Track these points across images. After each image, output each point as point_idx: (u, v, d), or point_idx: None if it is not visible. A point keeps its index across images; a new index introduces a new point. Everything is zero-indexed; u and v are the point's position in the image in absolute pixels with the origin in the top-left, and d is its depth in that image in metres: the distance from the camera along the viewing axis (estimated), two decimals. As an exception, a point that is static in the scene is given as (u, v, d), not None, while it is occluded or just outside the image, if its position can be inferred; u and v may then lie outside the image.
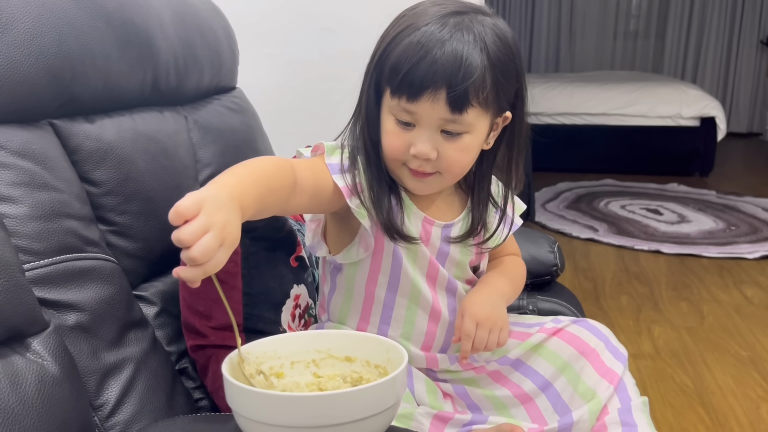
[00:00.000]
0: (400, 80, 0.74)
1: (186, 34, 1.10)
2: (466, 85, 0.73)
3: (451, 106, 0.74)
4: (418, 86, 0.73)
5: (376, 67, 0.79)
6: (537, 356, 0.90)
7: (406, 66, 0.74)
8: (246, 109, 1.32)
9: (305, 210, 0.84)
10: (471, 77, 0.73)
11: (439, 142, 0.77)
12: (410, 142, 0.77)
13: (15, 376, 0.61)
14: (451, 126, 0.76)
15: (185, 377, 0.91)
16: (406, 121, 0.77)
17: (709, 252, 2.85)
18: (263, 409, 0.55)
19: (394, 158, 0.80)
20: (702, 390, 1.80)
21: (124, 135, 0.91)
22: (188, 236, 0.53)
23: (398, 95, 0.75)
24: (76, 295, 0.75)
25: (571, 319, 0.94)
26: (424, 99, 0.74)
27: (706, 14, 5.73)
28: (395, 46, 0.76)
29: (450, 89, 0.73)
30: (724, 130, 4.12)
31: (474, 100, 0.75)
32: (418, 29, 0.75)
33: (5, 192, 0.71)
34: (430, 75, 0.73)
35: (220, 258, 0.56)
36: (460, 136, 0.77)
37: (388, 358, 0.65)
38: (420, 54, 0.73)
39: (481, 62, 0.74)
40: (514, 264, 0.98)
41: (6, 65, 0.73)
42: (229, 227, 0.57)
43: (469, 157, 0.81)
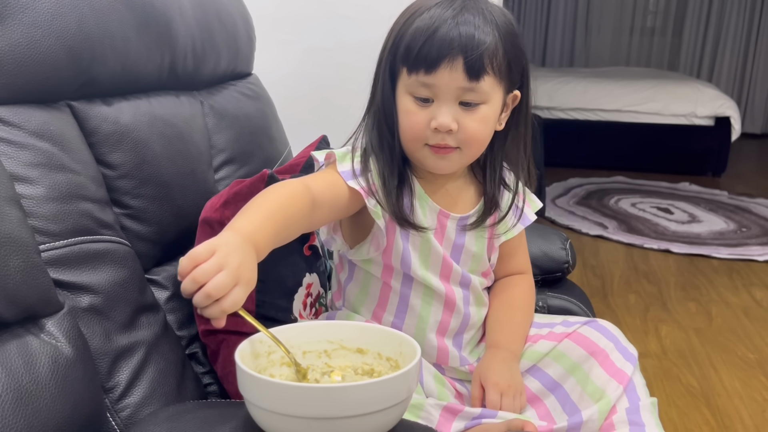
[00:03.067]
0: (416, 55, 0.77)
1: (204, 18, 1.10)
2: (481, 51, 0.76)
3: (469, 72, 0.76)
4: (435, 57, 0.76)
5: (389, 52, 0.81)
6: (547, 358, 0.91)
7: (422, 40, 0.76)
8: (261, 95, 1.31)
9: (328, 221, 0.86)
10: (485, 44, 0.76)
11: (458, 113, 0.79)
12: (430, 116, 0.79)
13: (29, 356, 0.62)
14: (469, 95, 0.78)
15: (195, 362, 0.92)
16: (425, 97, 0.79)
17: (719, 253, 2.83)
18: (275, 399, 0.55)
19: (415, 137, 0.81)
20: (708, 391, 1.80)
21: (140, 118, 0.91)
22: (202, 274, 0.56)
23: (416, 70, 0.78)
24: (90, 277, 0.75)
25: (581, 320, 0.94)
26: (442, 68, 0.76)
27: (724, 13, 5.66)
28: (407, 29, 0.79)
29: (467, 56, 0.76)
30: (739, 130, 4.08)
31: (489, 66, 0.77)
32: (428, 10, 0.78)
33: (23, 172, 0.71)
34: (446, 44, 0.76)
35: (236, 296, 0.58)
36: (477, 107, 0.79)
37: (401, 351, 0.64)
38: (434, 28, 0.76)
39: (493, 34, 0.77)
40: (523, 304, 0.97)
41: (26, 45, 0.73)
42: (244, 267, 0.59)
43: (487, 129, 0.82)
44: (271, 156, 1.24)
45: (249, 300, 0.89)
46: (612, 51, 5.98)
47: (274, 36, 1.72)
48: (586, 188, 3.83)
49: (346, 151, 0.86)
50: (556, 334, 0.92)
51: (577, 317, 0.98)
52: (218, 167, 1.09)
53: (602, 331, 0.91)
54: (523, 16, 6.03)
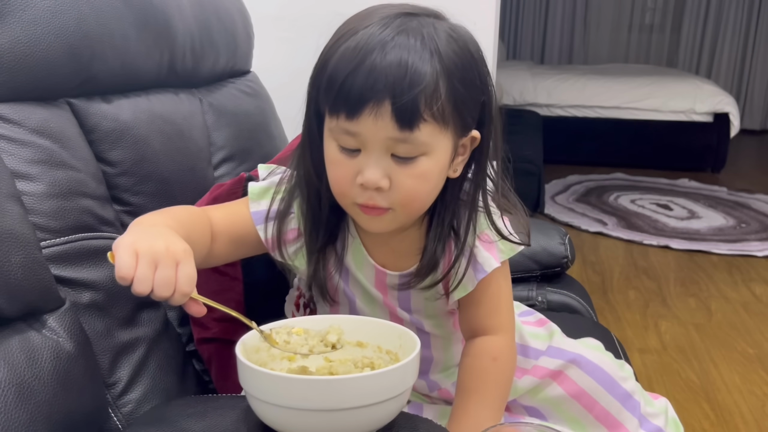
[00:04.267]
0: (336, 94, 0.62)
1: (203, 16, 1.10)
2: (414, 94, 0.60)
3: (399, 120, 0.61)
4: (357, 99, 0.60)
5: (314, 82, 0.66)
6: (531, 397, 0.85)
7: (342, 75, 0.61)
8: (260, 93, 1.32)
9: (231, 258, 0.77)
10: (419, 84, 0.60)
11: (390, 168, 0.64)
12: (356, 170, 0.64)
13: (31, 352, 0.62)
14: (402, 148, 0.63)
15: (195, 359, 0.92)
16: (351, 147, 0.64)
17: (718, 249, 2.83)
18: (274, 391, 0.55)
19: (341, 193, 0.68)
20: (708, 386, 1.80)
21: (140, 116, 0.91)
22: (141, 285, 0.54)
23: (336, 113, 0.63)
24: (91, 273, 0.75)
25: (574, 356, 0.85)
26: (365, 115, 0.61)
27: (723, 9, 5.66)
28: (332, 55, 0.63)
29: (395, 100, 0.60)
30: (738, 126, 4.08)
31: (426, 112, 0.61)
32: (356, 33, 0.62)
33: (23, 169, 0.71)
34: (369, 84, 0.60)
35: (186, 274, 0.56)
36: (414, 160, 0.64)
37: (400, 344, 0.65)
38: (357, 60, 0.60)
39: (432, 67, 0.61)
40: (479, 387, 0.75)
41: (26, 42, 0.73)
42: (172, 245, 0.56)
43: (429, 185, 0.67)
44: (270, 153, 1.25)
45: (238, 305, 0.89)
46: (611, 48, 5.98)
47: (273, 33, 1.72)
48: (585, 185, 3.83)
49: (267, 185, 0.74)
50: (543, 368, 0.85)
51: (565, 340, 0.89)
52: (218, 164, 1.10)
53: (598, 377, 0.84)
54: (521, 13, 6.03)
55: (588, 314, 1.22)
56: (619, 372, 0.86)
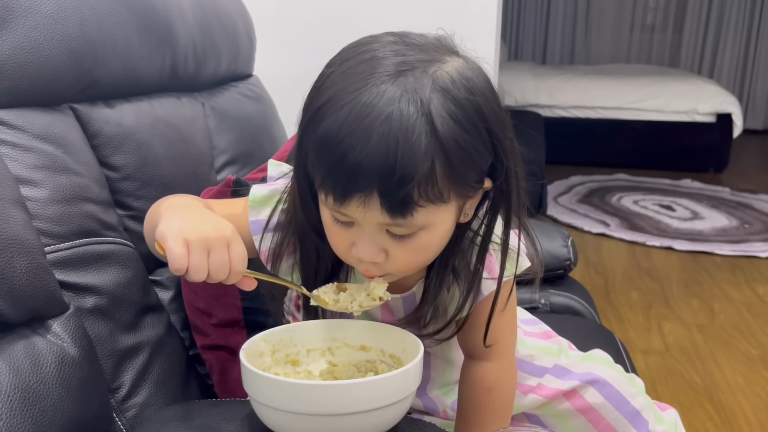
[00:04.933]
0: (322, 178, 0.57)
1: (205, 20, 1.11)
2: (405, 188, 0.54)
3: (390, 211, 0.56)
4: (342, 191, 0.55)
5: (301, 144, 0.59)
6: (548, 415, 0.85)
7: (327, 162, 0.55)
8: (262, 96, 1.32)
9: None
10: (410, 180, 0.53)
11: (386, 242, 0.59)
12: (351, 240, 0.60)
13: (36, 357, 0.62)
14: (396, 229, 0.58)
15: (198, 363, 0.92)
16: (343, 221, 0.60)
17: (721, 249, 2.83)
18: (278, 396, 0.55)
19: (339, 255, 0.64)
20: (711, 388, 1.80)
21: (142, 120, 0.91)
22: (197, 273, 0.55)
23: (324, 192, 0.58)
24: (95, 278, 0.76)
25: (583, 378, 0.83)
26: (353, 204, 0.56)
27: (724, 9, 5.65)
28: (322, 118, 0.55)
29: (383, 194, 0.54)
30: (741, 126, 4.07)
31: (420, 200, 0.55)
32: (343, 105, 0.54)
33: (27, 175, 0.72)
34: (353, 179, 0.54)
35: (238, 253, 0.57)
36: (413, 236, 0.59)
37: (404, 348, 0.65)
38: (342, 149, 0.53)
39: (426, 150, 0.53)
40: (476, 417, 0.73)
41: (29, 48, 0.74)
42: (218, 227, 0.57)
43: (429, 253, 0.63)
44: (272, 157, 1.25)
45: (235, 309, 0.89)
46: (612, 48, 5.98)
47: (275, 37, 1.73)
48: (587, 186, 3.83)
49: (269, 193, 0.70)
50: (548, 388, 0.83)
51: (573, 359, 0.87)
52: (220, 168, 1.10)
53: (606, 393, 0.83)
54: (523, 13, 6.03)
55: (591, 317, 1.22)
56: (629, 388, 0.85)
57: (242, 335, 0.88)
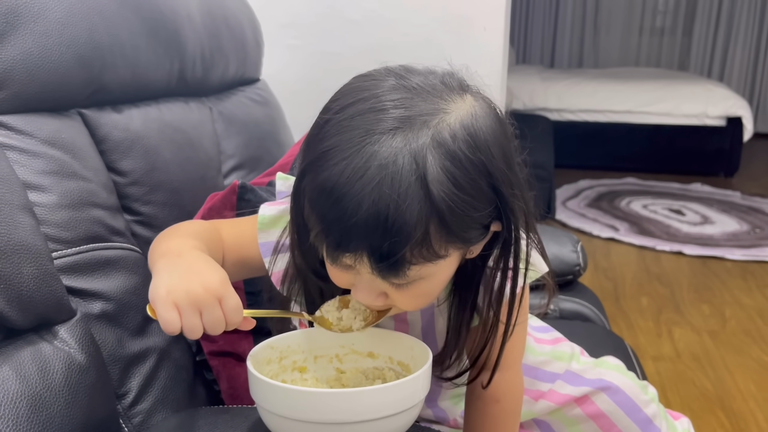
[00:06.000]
0: (316, 230, 0.55)
1: (213, 25, 1.11)
2: (397, 256, 0.52)
3: (381, 273, 0.55)
4: (334, 247, 0.54)
5: (299, 186, 0.57)
6: (556, 419, 0.84)
7: (321, 216, 0.54)
8: (270, 101, 1.32)
9: (236, 278, 0.70)
10: (401, 246, 0.52)
11: (385, 287, 0.58)
12: (351, 282, 0.60)
13: (43, 363, 0.62)
14: (394, 281, 0.57)
15: (205, 369, 0.92)
16: (342, 266, 0.58)
17: (732, 254, 2.80)
18: (286, 404, 0.55)
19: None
20: (723, 394, 1.78)
21: (150, 125, 0.91)
22: (192, 333, 0.53)
23: (319, 242, 0.56)
24: (102, 284, 0.75)
25: (595, 384, 0.83)
26: (345, 260, 0.55)
27: (734, 11, 5.62)
28: (316, 173, 0.54)
29: (375, 260, 0.53)
30: (751, 130, 4.04)
31: (415, 259, 0.54)
32: (337, 162, 0.52)
33: (35, 180, 0.72)
34: (345, 239, 0.53)
35: (231, 306, 0.54)
36: (411, 284, 0.57)
37: (412, 355, 0.64)
38: (335, 209, 0.52)
39: (419, 216, 0.51)
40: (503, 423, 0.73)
41: (38, 54, 0.74)
42: (208, 282, 0.54)
43: (431, 297, 0.61)
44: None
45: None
46: (621, 51, 5.95)
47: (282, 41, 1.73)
48: (596, 190, 3.81)
49: (278, 213, 0.69)
50: (559, 394, 0.82)
51: (585, 365, 0.86)
52: (227, 173, 1.10)
53: (618, 400, 0.82)
54: (531, 17, 6.02)
55: (600, 322, 1.21)
56: (642, 395, 0.84)
57: (249, 341, 0.88)
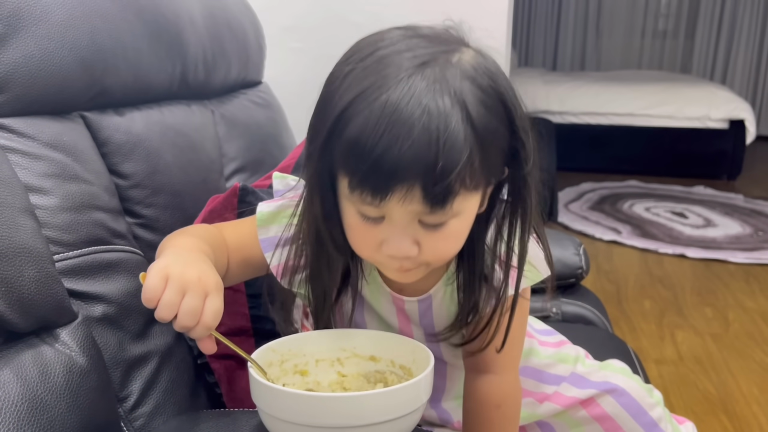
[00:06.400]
0: (361, 176, 0.55)
1: (215, 28, 1.11)
2: (448, 181, 0.54)
3: (431, 203, 0.55)
4: (383, 188, 0.54)
5: (327, 142, 0.57)
6: (560, 421, 0.84)
7: (362, 162, 0.53)
8: (272, 103, 1.32)
9: (241, 278, 0.74)
10: (452, 170, 0.53)
11: (417, 233, 0.58)
12: (381, 238, 0.59)
13: (44, 366, 0.62)
14: (431, 219, 0.57)
15: (207, 372, 0.91)
16: (373, 216, 0.58)
17: (735, 257, 2.80)
18: (287, 408, 0.55)
19: (364, 256, 0.63)
20: (726, 398, 1.77)
21: (152, 128, 0.91)
22: (165, 310, 0.53)
23: (359, 191, 0.56)
24: (104, 286, 0.75)
25: (601, 386, 0.82)
26: (394, 200, 0.55)
27: (737, 14, 5.61)
28: (351, 117, 0.54)
29: (426, 185, 0.54)
30: (754, 132, 4.04)
31: (461, 188, 0.55)
32: (372, 102, 0.53)
33: (37, 183, 0.72)
34: (394, 175, 0.53)
35: (213, 307, 0.55)
36: (443, 225, 0.59)
37: (414, 358, 0.64)
38: (380, 146, 0.52)
39: (465, 137, 0.53)
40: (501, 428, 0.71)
41: (40, 57, 0.74)
42: (204, 276, 0.55)
43: (459, 242, 0.62)
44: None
45: (242, 317, 0.88)
46: (624, 54, 5.95)
47: (284, 44, 1.73)
48: (599, 193, 3.80)
49: (276, 209, 0.70)
50: (565, 396, 0.82)
51: (590, 368, 0.86)
52: (229, 176, 1.10)
53: (624, 403, 0.82)
54: (533, 20, 6.02)
55: (603, 326, 1.21)
56: (647, 398, 0.84)
57: (251, 344, 0.88)
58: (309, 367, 0.66)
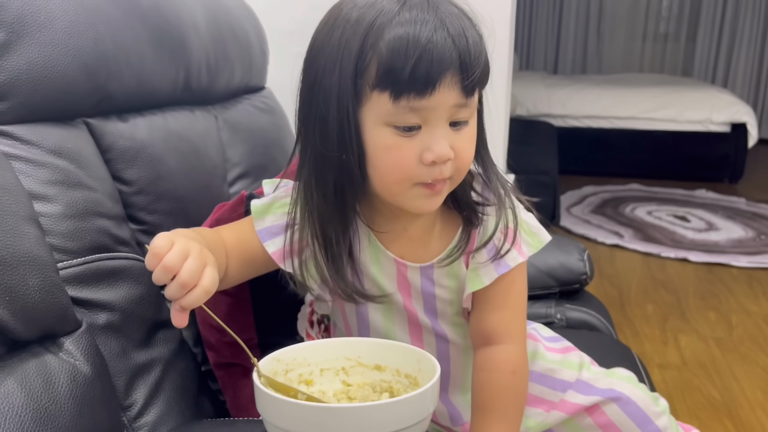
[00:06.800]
0: (408, 77, 0.61)
1: (218, 33, 1.10)
2: (481, 61, 0.64)
3: (465, 89, 0.63)
4: (435, 76, 0.61)
5: (352, 78, 0.62)
6: (564, 428, 0.84)
7: (412, 59, 0.60)
8: (275, 108, 1.32)
9: (243, 278, 0.76)
10: (482, 53, 0.64)
11: (450, 137, 0.65)
12: (420, 148, 0.64)
13: (48, 375, 0.61)
14: (460, 113, 0.65)
15: (211, 380, 0.91)
16: (412, 125, 0.64)
17: (738, 261, 2.79)
18: (292, 418, 0.54)
19: (403, 178, 0.66)
20: (730, 402, 1.77)
21: (155, 134, 0.91)
22: (172, 262, 0.55)
23: (405, 94, 0.62)
24: (107, 294, 0.75)
25: (606, 393, 0.82)
26: (443, 86, 0.62)
27: (738, 17, 5.61)
28: (378, 45, 0.61)
29: (464, 71, 0.62)
30: (756, 136, 4.03)
31: (482, 79, 0.65)
32: (393, 18, 0.61)
33: (41, 190, 0.71)
34: (446, 59, 0.61)
35: (212, 276, 0.57)
36: (466, 125, 0.67)
37: (419, 368, 0.63)
38: (423, 40, 0.60)
39: (477, 32, 0.65)
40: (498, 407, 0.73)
41: (43, 63, 0.73)
42: (204, 251, 0.59)
43: (474, 148, 0.70)
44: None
45: (248, 327, 0.88)
46: (625, 57, 5.95)
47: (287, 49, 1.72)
48: (601, 196, 3.80)
49: (269, 201, 0.75)
50: (570, 404, 0.82)
51: (595, 374, 0.86)
52: (233, 181, 1.09)
53: (629, 411, 0.81)
54: (534, 23, 6.02)
55: (607, 332, 1.20)
56: (653, 407, 0.83)
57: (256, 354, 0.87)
58: (314, 376, 0.66)
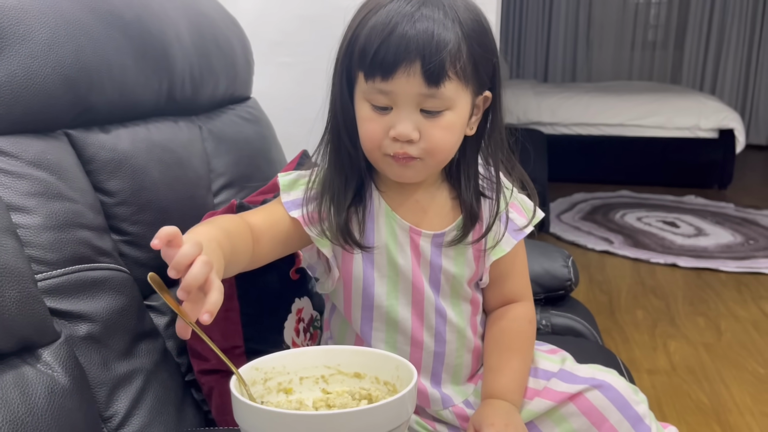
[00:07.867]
0: (371, 60, 0.70)
1: (202, 44, 1.11)
2: (442, 56, 0.69)
3: (428, 78, 0.69)
4: (391, 62, 0.69)
5: (345, 55, 0.74)
6: (546, 419, 0.85)
7: (376, 43, 0.69)
8: (260, 118, 1.32)
9: (277, 255, 0.80)
10: (446, 46, 0.69)
11: (420, 122, 0.72)
12: (389, 125, 0.73)
13: (25, 387, 0.61)
14: (430, 103, 0.71)
15: (195, 389, 0.91)
16: (383, 105, 0.72)
17: (727, 266, 2.81)
18: (270, 427, 0.54)
19: (373, 147, 0.75)
20: (719, 408, 1.77)
21: (138, 145, 0.91)
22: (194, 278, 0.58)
23: (372, 76, 0.71)
24: (88, 305, 0.75)
25: (583, 377, 0.85)
26: (398, 75, 0.69)
27: (725, 25, 5.67)
28: (362, 29, 0.72)
29: (424, 61, 0.69)
30: (743, 142, 4.06)
31: (451, 70, 0.70)
32: (383, 8, 0.71)
33: (19, 202, 0.71)
34: (402, 49, 0.69)
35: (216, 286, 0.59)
36: (441, 114, 0.72)
37: (398, 375, 0.64)
38: (389, 29, 0.69)
39: (455, 33, 0.70)
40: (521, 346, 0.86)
41: (23, 76, 0.74)
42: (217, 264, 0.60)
43: (454, 137, 0.75)
44: (271, 178, 1.25)
45: (236, 335, 0.88)
46: (614, 65, 6.00)
47: (273, 59, 1.73)
48: (590, 203, 3.81)
49: (296, 177, 0.82)
50: (554, 392, 0.84)
51: (577, 367, 0.88)
52: (217, 191, 1.10)
53: (610, 396, 0.83)
54: (524, 32, 6.06)
55: (593, 338, 1.21)
56: (633, 395, 0.85)
57: (242, 361, 0.87)
58: (293, 385, 0.66)
